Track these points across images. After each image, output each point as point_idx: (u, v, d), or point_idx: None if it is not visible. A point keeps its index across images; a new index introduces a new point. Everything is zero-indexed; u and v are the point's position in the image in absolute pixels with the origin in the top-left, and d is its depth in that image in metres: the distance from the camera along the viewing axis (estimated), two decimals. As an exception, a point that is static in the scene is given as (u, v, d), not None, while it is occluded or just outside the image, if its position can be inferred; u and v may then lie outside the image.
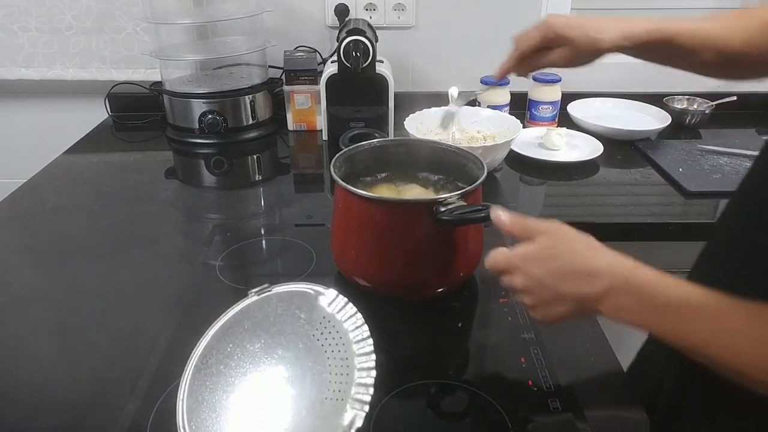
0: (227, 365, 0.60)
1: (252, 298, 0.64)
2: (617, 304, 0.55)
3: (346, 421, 0.50)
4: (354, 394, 0.52)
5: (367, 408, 0.51)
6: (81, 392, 0.67)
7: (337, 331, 0.58)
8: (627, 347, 0.88)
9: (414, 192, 0.86)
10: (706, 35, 0.69)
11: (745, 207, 0.64)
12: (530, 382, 0.67)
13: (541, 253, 0.60)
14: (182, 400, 0.58)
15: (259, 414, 0.56)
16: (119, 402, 0.64)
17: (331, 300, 0.61)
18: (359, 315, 0.59)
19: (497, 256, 0.63)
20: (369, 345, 0.56)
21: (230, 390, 0.59)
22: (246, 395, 0.58)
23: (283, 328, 0.61)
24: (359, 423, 0.50)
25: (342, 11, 1.43)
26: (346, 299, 0.60)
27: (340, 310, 0.60)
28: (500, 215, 0.65)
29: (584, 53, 0.73)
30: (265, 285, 0.64)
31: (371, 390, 0.51)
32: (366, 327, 0.58)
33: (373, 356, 0.55)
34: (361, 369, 0.54)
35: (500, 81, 0.79)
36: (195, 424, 0.56)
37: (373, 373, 0.53)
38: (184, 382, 0.59)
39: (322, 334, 0.59)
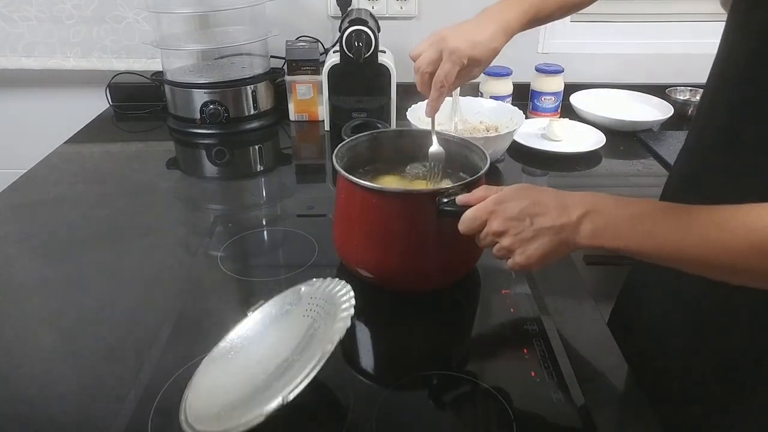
0: (226, 366, 0.64)
1: (249, 315, 0.69)
2: (594, 227, 0.57)
3: (334, 336, 0.56)
4: (338, 318, 0.58)
5: (349, 321, 0.57)
6: (82, 383, 0.67)
7: (322, 298, 0.64)
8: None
9: (416, 182, 0.86)
10: (555, 3, 0.82)
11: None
12: (533, 374, 0.67)
13: (513, 194, 0.63)
14: (184, 410, 0.59)
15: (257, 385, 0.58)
16: (121, 393, 0.64)
17: (314, 284, 0.67)
18: (337, 279, 0.65)
19: (469, 212, 0.65)
20: (348, 291, 0.62)
21: (229, 382, 0.61)
22: (244, 380, 0.60)
23: (278, 325, 0.66)
24: (342, 334, 0.56)
25: (344, 1, 1.41)
26: (324, 278, 0.66)
27: (322, 285, 0.66)
28: (463, 195, 0.68)
29: (486, 63, 0.80)
30: (260, 302, 0.70)
31: (352, 310, 0.58)
32: (344, 282, 0.64)
33: (351, 293, 0.61)
34: (343, 304, 0.60)
35: (431, 116, 0.82)
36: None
37: (353, 300, 0.60)
38: (186, 395, 0.61)
39: (310, 309, 0.64)
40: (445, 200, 0.69)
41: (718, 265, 0.52)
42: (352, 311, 0.58)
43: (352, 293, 0.61)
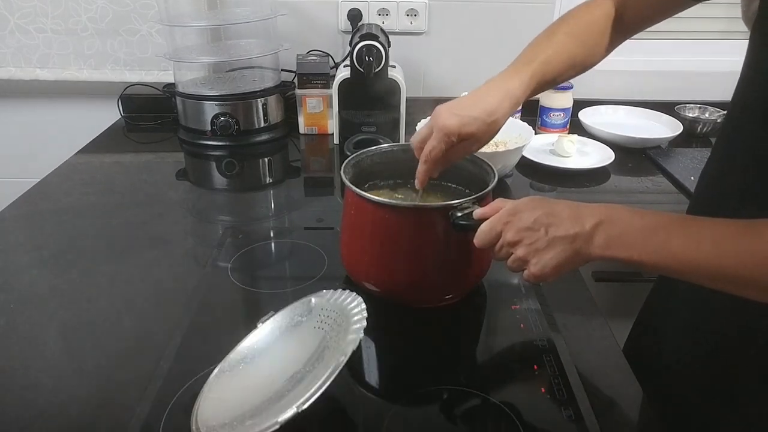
0: (238, 377, 0.63)
1: (259, 327, 0.69)
2: (608, 237, 0.57)
3: (347, 348, 0.56)
4: (351, 330, 0.58)
5: (362, 333, 0.57)
6: (91, 394, 0.67)
7: (333, 310, 0.63)
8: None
9: (424, 197, 0.86)
10: (561, 64, 0.79)
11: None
12: (543, 390, 0.66)
13: (528, 205, 0.63)
14: (195, 421, 0.59)
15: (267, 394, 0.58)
16: (130, 404, 0.64)
17: (324, 295, 0.67)
18: (348, 291, 0.65)
19: (485, 224, 0.65)
20: (360, 303, 0.62)
21: (241, 393, 0.60)
22: (256, 391, 0.59)
23: (287, 335, 0.66)
24: (355, 345, 0.56)
25: (355, 16, 1.43)
26: (334, 289, 0.66)
27: (332, 296, 0.66)
28: (480, 209, 0.68)
29: (486, 138, 0.77)
30: (270, 313, 0.70)
31: (364, 322, 0.58)
32: (354, 294, 0.64)
33: (363, 305, 0.61)
34: (355, 316, 0.60)
35: (418, 188, 0.79)
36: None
37: (364, 312, 0.59)
38: (196, 406, 0.61)
39: (321, 321, 0.64)
40: (459, 214, 0.69)
41: (733, 277, 0.52)
42: (364, 323, 0.58)
43: (363, 305, 0.61)
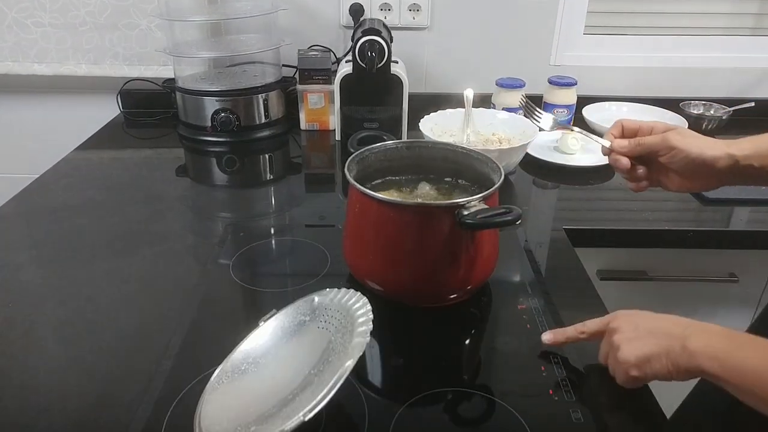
0: (242, 381, 0.62)
1: (261, 326, 0.68)
2: (707, 340, 0.57)
3: (353, 352, 0.55)
4: (356, 333, 0.57)
5: (368, 337, 0.56)
6: (91, 394, 0.66)
7: (337, 310, 0.63)
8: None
9: (428, 195, 0.85)
10: None
11: None
12: (551, 391, 0.65)
13: (627, 325, 0.64)
14: (198, 424, 0.58)
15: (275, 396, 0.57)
16: (132, 405, 0.63)
17: (327, 294, 0.67)
18: (352, 290, 0.65)
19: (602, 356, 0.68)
20: (365, 304, 0.62)
21: (245, 398, 0.59)
22: (261, 397, 0.58)
23: (292, 337, 0.65)
24: (362, 350, 0.55)
25: (357, 11, 1.42)
26: (337, 288, 0.66)
27: (336, 296, 0.66)
28: (552, 336, 0.70)
29: (685, 160, 0.72)
30: (272, 311, 0.69)
31: (370, 324, 0.58)
32: (359, 294, 0.64)
33: (368, 306, 0.61)
34: (360, 317, 0.59)
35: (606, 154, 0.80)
36: None
37: (370, 314, 0.59)
38: (199, 408, 0.59)
39: (325, 321, 0.64)
40: (466, 213, 0.68)
41: None
42: (370, 326, 0.57)
43: (369, 306, 0.60)
